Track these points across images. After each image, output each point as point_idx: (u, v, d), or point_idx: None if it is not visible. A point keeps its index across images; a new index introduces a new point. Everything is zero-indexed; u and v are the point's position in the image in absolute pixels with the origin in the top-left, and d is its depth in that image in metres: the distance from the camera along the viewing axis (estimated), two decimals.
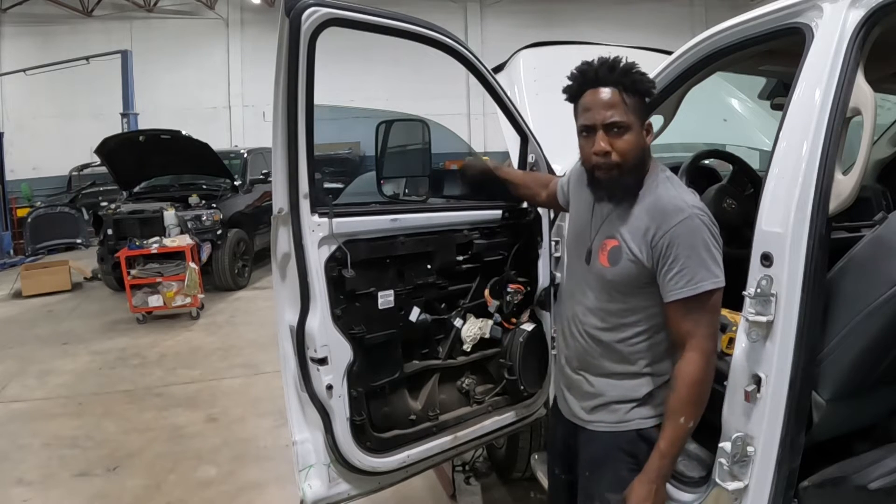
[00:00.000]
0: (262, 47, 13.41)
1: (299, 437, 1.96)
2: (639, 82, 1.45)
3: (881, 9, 1.32)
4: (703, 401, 1.45)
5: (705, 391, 1.45)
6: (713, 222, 1.46)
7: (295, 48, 1.66)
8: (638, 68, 1.46)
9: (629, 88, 1.45)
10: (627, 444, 1.56)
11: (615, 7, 15.28)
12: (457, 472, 3.11)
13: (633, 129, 1.45)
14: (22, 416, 4.26)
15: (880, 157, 2.86)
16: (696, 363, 1.43)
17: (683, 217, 1.42)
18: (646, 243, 1.46)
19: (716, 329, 1.46)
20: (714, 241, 1.44)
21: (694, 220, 1.42)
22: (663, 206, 1.45)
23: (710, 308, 1.43)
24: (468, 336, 2.22)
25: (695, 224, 1.42)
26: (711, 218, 1.46)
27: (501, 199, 2.30)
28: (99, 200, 9.92)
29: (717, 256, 1.43)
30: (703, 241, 1.42)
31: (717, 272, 1.42)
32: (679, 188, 1.51)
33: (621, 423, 1.57)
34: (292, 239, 1.81)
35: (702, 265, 1.41)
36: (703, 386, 1.44)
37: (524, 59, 2.88)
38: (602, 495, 1.58)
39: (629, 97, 1.45)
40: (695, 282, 1.41)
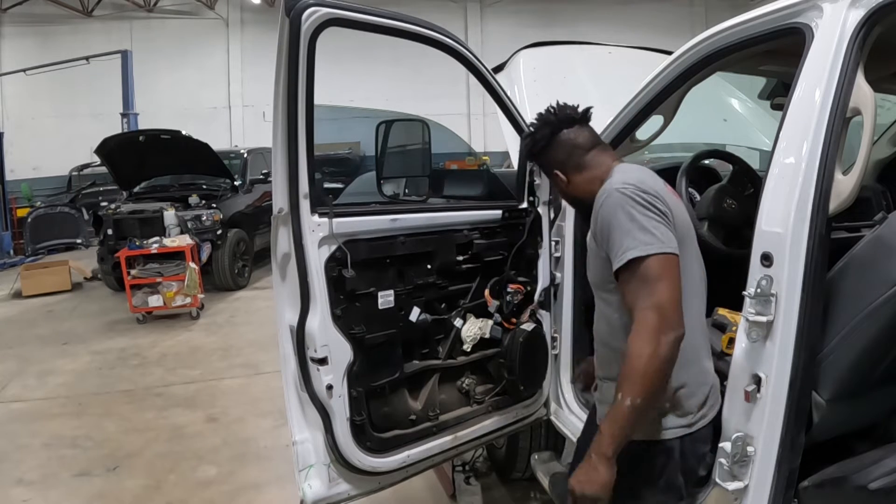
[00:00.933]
0: (262, 47, 13.40)
1: (299, 437, 1.96)
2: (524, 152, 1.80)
3: (881, 9, 1.32)
4: (643, 378, 1.30)
5: (644, 367, 1.30)
6: (641, 191, 1.40)
7: (295, 48, 1.67)
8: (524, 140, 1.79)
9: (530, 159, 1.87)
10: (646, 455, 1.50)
11: (615, 7, 15.28)
12: (457, 472, 3.10)
13: (555, 180, 1.68)
14: (22, 416, 4.25)
15: (880, 157, 2.86)
16: (635, 335, 1.32)
17: (603, 198, 1.45)
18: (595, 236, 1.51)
19: (660, 300, 1.32)
20: (640, 208, 1.38)
21: (612, 196, 1.42)
22: (596, 205, 1.49)
23: (644, 277, 1.34)
24: (468, 336, 2.22)
25: (613, 199, 1.42)
26: (639, 188, 1.41)
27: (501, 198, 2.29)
28: (99, 200, 9.92)
29: (646, 223, 1.36)
30: (624, 213, 1.38)
31: (643, 238, 1.35)
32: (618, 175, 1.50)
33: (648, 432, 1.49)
34: (292, 239, 1.81)
35: (625, 235, 1.37)
36: (639, 360, 1.30)
37: (524, 59, 2.88)
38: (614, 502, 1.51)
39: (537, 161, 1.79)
40: (620, 252, 1.37)
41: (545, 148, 1.66)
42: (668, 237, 1.38)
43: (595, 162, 1.60)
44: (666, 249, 1.36)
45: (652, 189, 1.43)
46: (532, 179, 2.31)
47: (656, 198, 1.42)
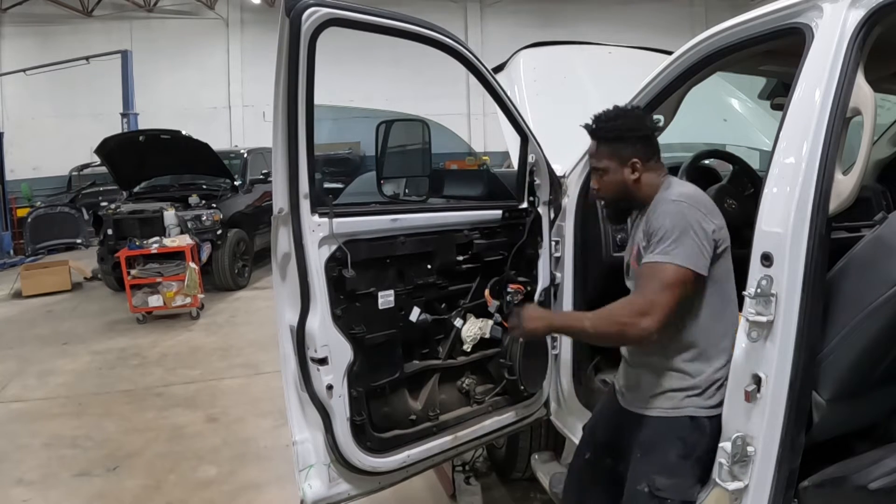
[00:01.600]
0: (262, 47, 13.40)
1: (299, 437, 1.96)
2: (609, 132, 1.71)
3: (881, 9, 1.32)
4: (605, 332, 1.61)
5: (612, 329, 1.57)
6: (696, 208, 1.55)
7: (295, 48, 1.66)
8: (614, 121, 1.70)
9: (603, 140, 1.73)
10: (680, 430, 1.61)
11: (615, 7, 15.28)
12: (457, 472, 3.10)
13: (609, 171, 1.72)
14: (22, 416, 4.25)
15: (880, 157, 2.86)
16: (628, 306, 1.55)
17: (663, 205, 1.60)
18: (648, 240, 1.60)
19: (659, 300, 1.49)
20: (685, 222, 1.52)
21: (670, 205, 1.57)
22: (654, 205, 1.64)
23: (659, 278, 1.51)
24: (468, 336, 2.22)
25: (670, 209, 1.56)
26: (695, 204, 1.56)
27: (501, 199, 2.29)
28: (99, 200, 9.92)
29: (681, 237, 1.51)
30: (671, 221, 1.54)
31: (670, 248, 1.51)
32: (677, 186, 1.67)
33: (676, 409, 1.63)
34: (292, 239, 1.81)
35: (662, 240, 1.53)
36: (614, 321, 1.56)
37: (524, 59, 2.89)
38: (649, 476, 1.62)
39: (604, 146, 1.73)
40: (653, 253, 1.54)
41: (643, 138, 1.70)
42: (694, 254, 1.52)
43: (659, 169, 1.73)
44: (686, 264, 1.51)
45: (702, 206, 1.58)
46: (532, 179, 2.31)
47: (704, 215, 1.56)
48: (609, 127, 1.71)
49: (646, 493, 1.62)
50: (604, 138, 1.72)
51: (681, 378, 1.62)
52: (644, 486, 1.63)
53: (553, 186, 2.30)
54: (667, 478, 1.60)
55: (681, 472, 1.60)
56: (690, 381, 1.61)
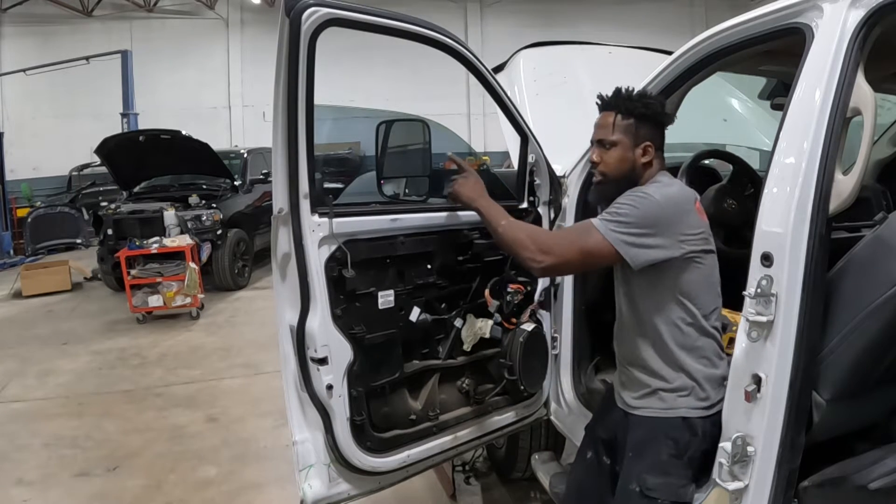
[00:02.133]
0: (262, 47, 13.40)
1: (299, 437, 1.96)
2: (636, 107, 1.66)
3: (881, 9, 1.32)
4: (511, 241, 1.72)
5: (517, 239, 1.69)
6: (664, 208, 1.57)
7: (295, 48, 1.66)
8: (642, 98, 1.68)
9: (624, 112, 1.68)
10: (672, 430, 1.62)
11: (615, 7, 15.28)
12: (457, 472, 3.11)
13: (619, 145, 1.68)
14: (22, 416, 4.25)
15: (880, 157, 2.86)
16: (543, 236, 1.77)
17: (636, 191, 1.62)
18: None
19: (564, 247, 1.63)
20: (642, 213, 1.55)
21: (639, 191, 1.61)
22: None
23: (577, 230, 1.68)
24: (468, 336, 2.22)
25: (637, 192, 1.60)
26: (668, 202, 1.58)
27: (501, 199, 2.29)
28: (99, 200, 9.91)
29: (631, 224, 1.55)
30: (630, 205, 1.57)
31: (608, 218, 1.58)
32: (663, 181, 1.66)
33: (669, 409, 1.63)
34: (292, 239, 1.81)
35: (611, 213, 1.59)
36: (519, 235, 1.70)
37: (524, 59, 2.89)
38: (640, 476, 1.62)
39: (623, 119, 1.68)
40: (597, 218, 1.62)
41: (659, 125, 1.70)
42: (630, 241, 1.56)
43: (661, 162, 1.72)
44: (614, 243, 1.56)
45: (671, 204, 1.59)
46: (532, 179, 2.31)
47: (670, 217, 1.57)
48: (635, 102, 1.68)
49: (637, 493, 1.62)
50: (627, 111, 1.68)
51: (673, 378, 1.63)
52: (635, 486, 1.63)
53: (553, 186, 2.30)
54: (657, 477, 1.60)
55: (672, 472, 1.61)
56: (683, 382, 1.62)
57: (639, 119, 1.67)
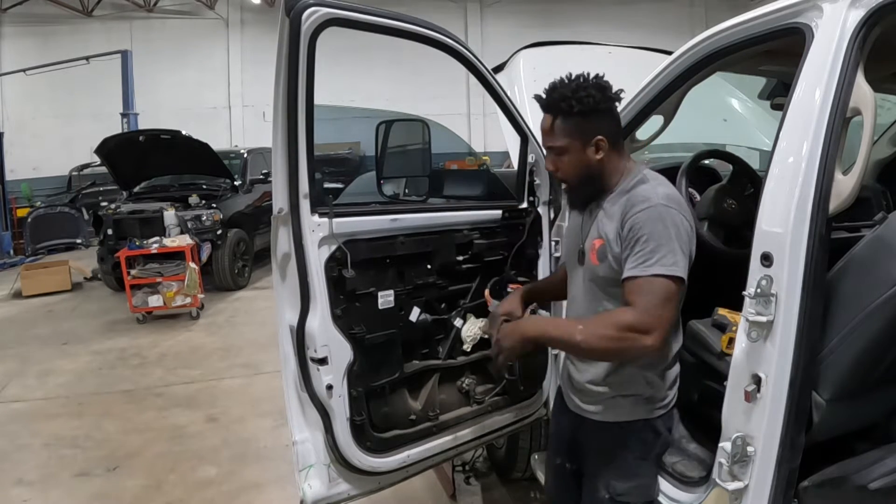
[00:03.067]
0: (262, 47, 13.40)
1: (299, 437, 1.96)
2: (573, 105, 1.49)
3: (881, 9, 1.32)
4: (602, 343, 1.42)
5: (613, 339, 1.40)
6: (683, 216, 1.46)
7: (295, 48, 1.66)
8: (578, 92, 1.49)
9: (563, 113, 1.52)
10: (636, 434, 1.60)
11: (615, 7, 15.27)
12: (457, 472, 3.11)
13: (569, 150, 1.54)
14: (22, 416, 4.25)
15: (880, 157, 2.86)
16: (631, 315, 1.40)
17: (648, 205, 1.45)
18: (620, 236, 1.49)
19: (663, 316, 1.39)
20: (678, 231, 1.43)
21: (659, 208, 1.44)
22: (633, 199, 1.49)
23: (659, 292, 1.39)
24: (468, 336, 2.22)
25: (658, 212, 1.43)
26: (683, 212, 1.47)
27: (501, 199, 2.29)
28: (99, 200, 9.91)
29: (677, 247, 1.41)
30: (665, 229, 1.42)
31: (669, 261, 1.40)
32: (655, 183, 1.53)
33: (631, 413, 1.60)
34: (292, 239, 1.81)
35: (658, 249, 1.41)
36: (617, 332, 1.40)
37: (524, 59, 2.88)
38: (608, 482, 1.61)
39: (563, 122, 1.52)
40: (649, 262, 1.41)
41: (608, 111, 1.54)
42: (686, 266, 1.44)
43: (623, 148, 1.60)
44: (682, 275, 1.42)
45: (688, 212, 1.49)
46: (532, 179, 2.31)
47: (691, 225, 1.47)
48: (569, 101, 1.49)
49: (607, 500, 1.60)
50: (563, 112, 1.51)
51: (634, 384, 1.58)
52: (604, 493, 1.61)
53: (553, 186, 2.30)
54: (626, 481, 1.59)
55: (640, 474, 1.61)
56: (643, 389, 1.59)
57: (580, 116, 1.51)
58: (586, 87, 1.51)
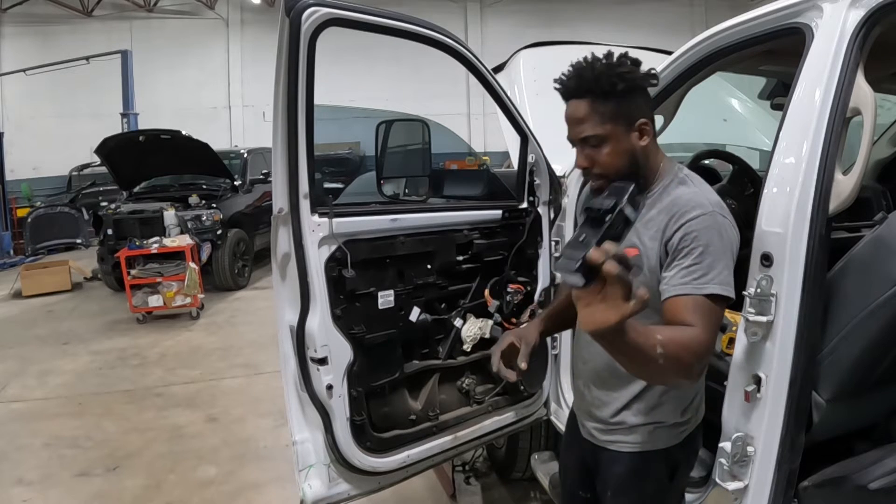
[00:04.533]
0: (262, 47, 13.41)
1: (299, 437, 1.96)
2: (616, 83, 1.28)
3: (881, 9, 1.32)
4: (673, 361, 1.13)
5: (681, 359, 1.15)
6: (735, 227, 1.31)
7: (295, 48, 1.66)
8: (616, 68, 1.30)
9: (602, 95, 1.30)
10: (652, 464, 1.48)
11: (615, 7, 15.28)
12: (457, 472, 3.10)
13: (611, 138, 1.32)
14: (22, 416, 4.25)
15: (880, 157, 2.86)
16: (701, 338, 1.19)
17: (703, 212, 1.27)
18: (662, 244, 1.32)
19: (712, 339, 1.23)
20: (732, 246, 1.28)
21: (716, 216, 1.27)
22: (681, 203, 1.31)
23: (714, 313, 1.23)
24: (468, 336, 2.22)
25: (716, 221, 1.27)
26: (733, 222, 1.31)
27: (501, 199, 2.29)
28: (99, 200, 9.91)
29: (731, 264, 1.27)
30: (722, 243, 1.26)
31: (726, 279, 1.24)
32: (701, 186, 1.37)
33: (646, 443, 1.47)
34: (292, 239, 1.81)
35: (715, 265, 1.24)
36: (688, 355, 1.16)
37: (524, 59, 2.89)
38: None
39: (603, 104, 1.31)
40: (705, 279, 1.23)
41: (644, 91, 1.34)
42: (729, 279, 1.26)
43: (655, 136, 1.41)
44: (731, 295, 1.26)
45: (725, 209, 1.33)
46: (532, 179, 2.31)
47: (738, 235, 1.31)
48: (612, 78, 1.28)
49: None
50: (602, 93, 1.29)
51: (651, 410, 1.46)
52: None
53: (553, 186, 2.30)
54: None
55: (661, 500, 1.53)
56: (661, 415, 1.46)
57: (622, 96, 1.30)
58: (623, 62, 1.30)
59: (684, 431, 1.48)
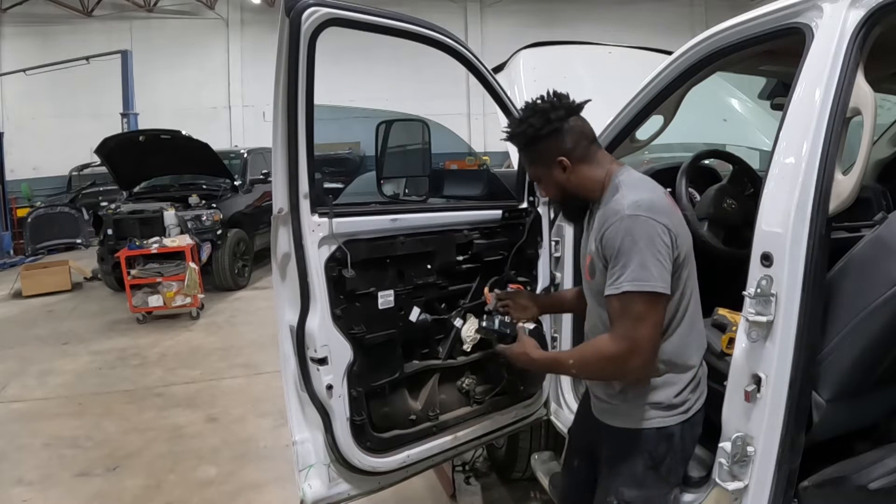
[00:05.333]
0: (262, 47, 13.41)
1: (299, 437, 1.96)
2: (520, 141, 1.59)
3: (881, 9, 1.32)
4: (594, 372, 1.59)
5: (601, 368, 1.52)
6: (654, 219, 1.41)
7: (295, 48, 1.66)
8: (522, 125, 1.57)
9: (522, 148, 1.63)
10: (646, 442, 1.56)
11: (615, 7, 15.28)
12: (457, 472, 3.11)
13: (541, 176, 1.63)
14: (22, 416, 4.25)
15: (880, 157, 2.86)
16: (610, 344, 1.45)
17: (616, 219, 1.43)
18: (600, 254, 1.49)
19: (639, 336, 1.40)
20: (648, 240, 1.39)
21: (625, 220, 1.41)
22: (605, 215, 1.48)
23: (631, 310, 1.40)
24: (468, 336, 2.21)
25: (624, 225, 1.41)
26: (654, 215, 1.41)
27: (501, 199, 2.29)
28: (99, 200, 9.91)
29: (648, 257, 1.38)
30: (631, 241, 1.39)
31: (640, 274, 1.38)
32: (626, 190, 1.48)
33: (642, 420, 1.56)
34: (292, 239, 1.81)
35: (627, 264, 1.40)
36: (597, 362, 1.50)
37: (524, 59, 2.89)
38: (618, 490, 1.59)
39: (525, 155, 1.66)
40: (618, 279, 1.41)
41: (555, 132, 1.53)
42: (662, 275, 1.40)
43: (597, 157, 1.58)
44: (657, 289, 1.40)
45: (661, 214, 1.43)
46: None
47: (664, 227, 1.41)
48: (519, 133, 1.58)
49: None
50: (520, 147, 1.62)
51: (645, 391, 1.55)
52: (613, 500, 1.59)
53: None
54: (634, 489, 1.57)
55: (649, 484, 1.57)
56: (656, 396, 1.54)
57: (532, 146, 1.58)
58: (528, 117, 1.57)
59: (679, 414, 1.55)
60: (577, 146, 1.55)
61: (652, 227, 1.40)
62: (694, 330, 1.57)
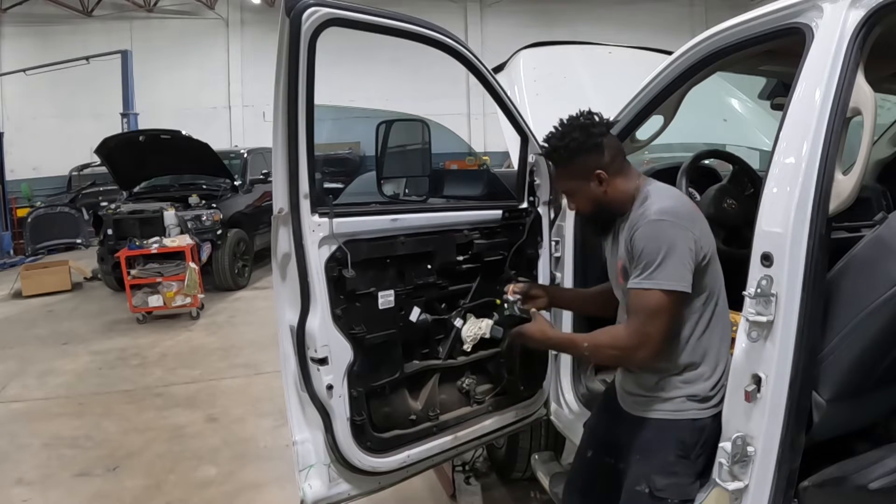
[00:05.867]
0: (262, 47, 13.42)
1: (299, 437, 1.96)
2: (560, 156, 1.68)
3: (881, 9, 1.32)
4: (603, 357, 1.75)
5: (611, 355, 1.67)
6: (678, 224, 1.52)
7: (295, 48, 1.66)
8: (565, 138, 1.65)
9: (560, 162, 1.71)
10: (680, 432, 1.62)
11: (615, 7, 15.28)
12: (457, 472, 3.11)
13: (577, 190, 1.71)
14: (22, 416, 4.25)
15: (880, 157, 2.86)
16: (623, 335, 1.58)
17: (643, 223, 1.55)
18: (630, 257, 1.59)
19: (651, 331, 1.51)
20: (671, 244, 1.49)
21: (651, 224, 1.53)
22: (634, 220, 1.60)
23: (646, 306, 1.52)
24: (468, 336, 2.22)
25: (651, 227, 1.53)
26: (678, 220, 1.52)
27: (501, 199, 2.29)
28: (99, 200, 9.90)
29: (671, 259, 1.49)
30: (655, 244, 1.51)
31: (658, 274, 1.49)
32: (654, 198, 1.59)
33: (677, 411, 1.63)
34: (292, 239, 1.81)
35: (648, 264, 1.51)
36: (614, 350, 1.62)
37: (524, 59, 2.89)
38: (649, 477, 1.63)
39: (563, 168, 1.72)
40: (639, 277, 1.53)
41: (596, 146, 1.64)
42: (682, 274, 1.50)
43: (629, 170, 1.69)
44: (674, 287, 1.50)
45: (685, 219, 1.54)
46: (532, 179, 2.31)
47: (686, 230, 1.52)
48: (561, 148, 1.67)
49: (646, 494, 1.63)
50: (559, 160, 1.71)
51: (682, 384, 1.62)
52: (644, 487, 1.63)
53: (553, 186, 2.30)
54: (666, 478, 1.61)
55: (680, 472, 1.61)
56: (692, 389, 1.61)
57: (572, 159, 1.66)
58: (570, 131, 1.65)
59: (712, 407, 1.61)
60: (613, 160, 1.66)
61: (675, 231, 1.51)
62: (725, 326, 1.64)
